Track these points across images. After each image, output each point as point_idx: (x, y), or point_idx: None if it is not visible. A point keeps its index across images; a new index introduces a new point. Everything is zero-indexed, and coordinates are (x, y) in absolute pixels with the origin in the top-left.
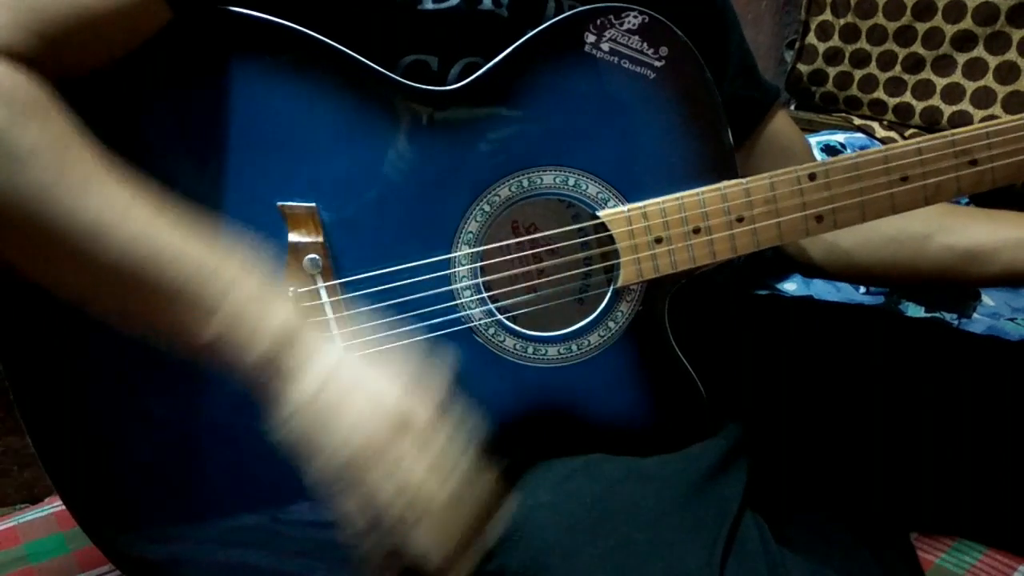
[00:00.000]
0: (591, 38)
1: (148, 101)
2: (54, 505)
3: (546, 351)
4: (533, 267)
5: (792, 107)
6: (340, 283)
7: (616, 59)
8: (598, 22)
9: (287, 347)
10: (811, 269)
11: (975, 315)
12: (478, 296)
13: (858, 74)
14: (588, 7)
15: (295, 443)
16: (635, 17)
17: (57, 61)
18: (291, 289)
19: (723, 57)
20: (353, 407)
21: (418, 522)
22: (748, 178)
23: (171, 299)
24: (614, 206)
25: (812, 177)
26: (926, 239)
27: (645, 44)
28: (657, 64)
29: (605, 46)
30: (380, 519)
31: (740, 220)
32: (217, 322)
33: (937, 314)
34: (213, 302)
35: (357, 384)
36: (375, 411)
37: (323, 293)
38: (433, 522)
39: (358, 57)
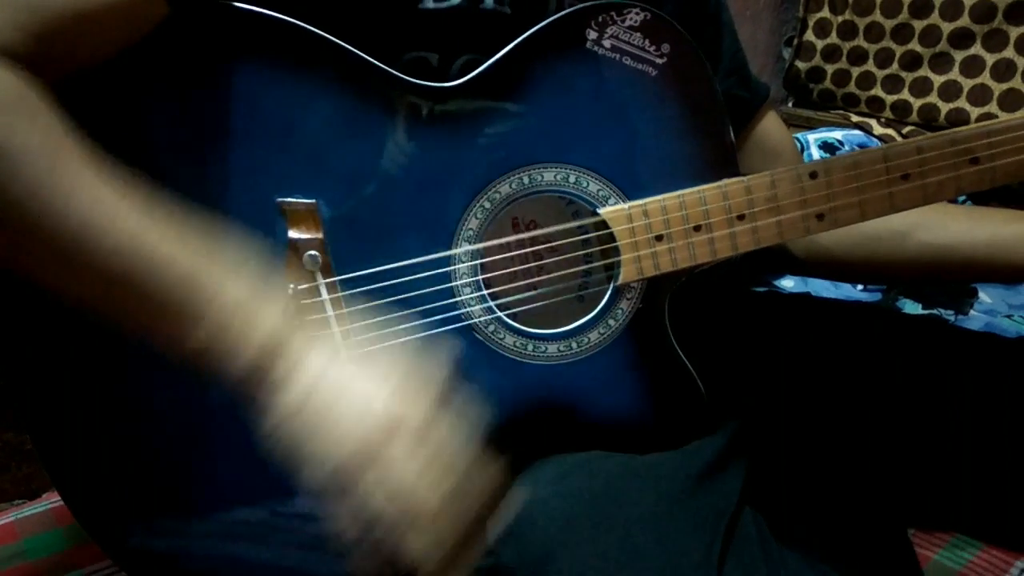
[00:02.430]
0: (593, 35)
1: (146, 98)
2: (52, 501)
3: (546, 348)
4: (533, 264)
5: (790, 104)
6: (340, 280)
7: (618, 56)
8: (600, 19)
9: (274, 355)
10: (793, 265)
11: (972, 312)
12: (478, 293)
13: (856, 71)
14: (590, 3)
15: (284, 451)
16: (637, 14)
17: (53, 60)
18: (291, 286)
19: (715, 56)
20: (341, 413)
21: (411, 528)
22: (749, 176)
23: (159, 303)
24: (615, 203)
25: (813, 175)
26: (904, 236)
27: (647, 41)
28: (659, 61)
29: (607, 43)
30: (372, 526)
31: (741, 218)
32: (204, 328)
33: (934, 311)
34: (200, 308)
35: (345, 389)
36: (363, 416)
37: (323, 290)
38: (427, 527)
39: (358, 53)
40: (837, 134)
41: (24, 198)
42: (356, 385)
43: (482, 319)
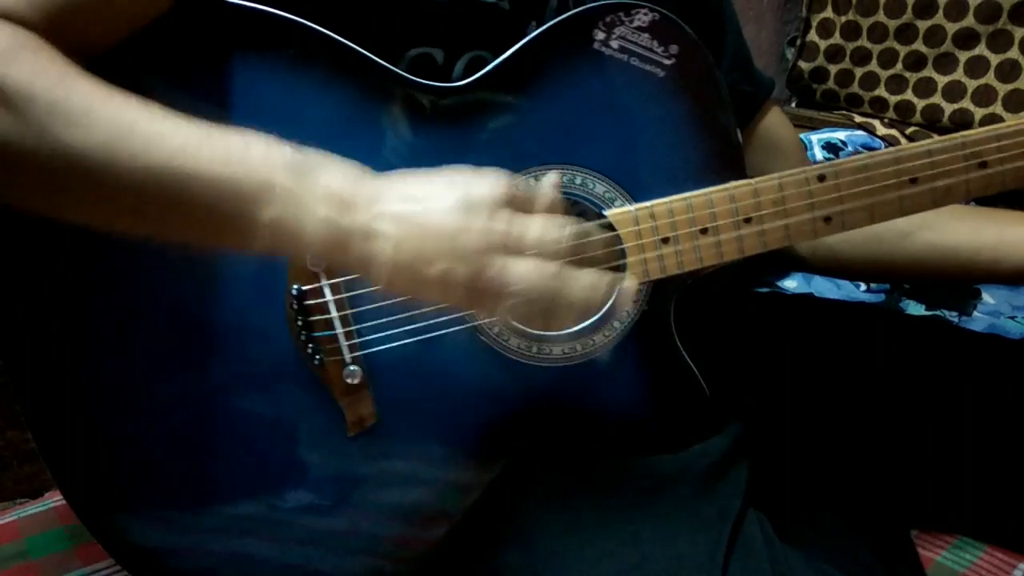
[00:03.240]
0: (600, 35)
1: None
2: (55, 499)
3: (551, 350)
4: None
5: (793, 104)
6: (344, 281)
7: (625, 57)
8: (608, 19)
9: (342, 209)
10: (796, 262)
11: (976, 313)
12: None
13: (859, 72)
14: (598, 3)
15: (414, 291)
16: (645, 15)
17: (60, 38)
18: (294, 287)
19: (719, 51)
20: (438, 223)
21: (564, 269)
22: (756, 178)
23: (210, 201)
24: (621, 205)
25: (821, 178)
26: (909, 236)
27: (655, 42)
28: (666, 62)
29: (614, 43)
30: (535, 287)
31: (748, 221)
32: (266, 204)
33: (938, 312)
34: (253, 184)
35: (427, 200)
36: (460, 215)
37: (327, 291)
38: (569, 291)
39: (362, 51)
40: (840, 134)
41: (40, 132)
42: (434, 194)
43: (487, 320)
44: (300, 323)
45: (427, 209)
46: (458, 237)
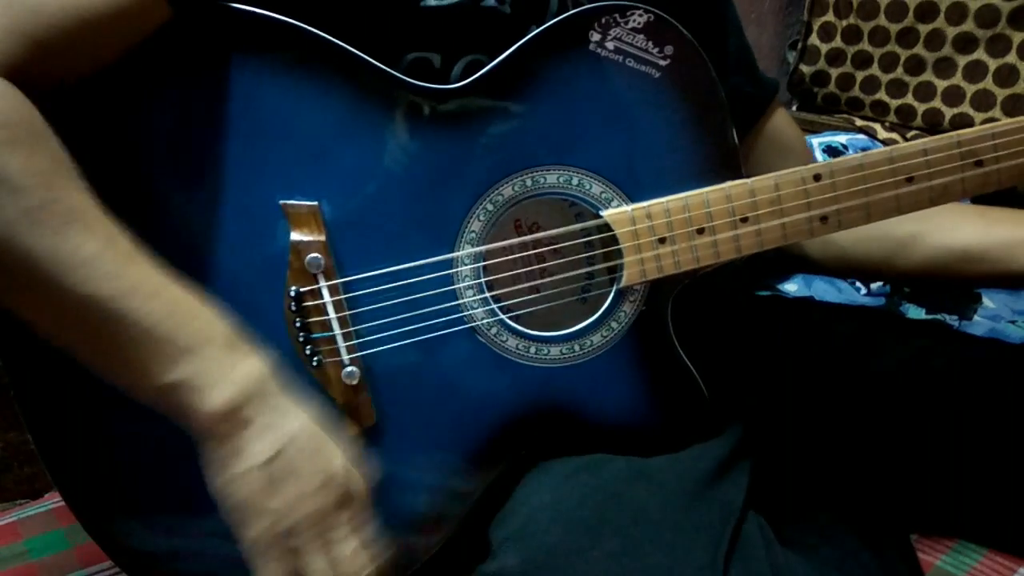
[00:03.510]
0: (596, 36)
1: (148, 101)
2: (54, 500)
3: (549, 351)
4: (536, 267)
5: (794, 108)
6: (342, 282)
7: (621, 58)
8: (603, 20)
9: (254, 398)
10: (806, 264)
11: (976, 317)
12: (481, 296)
13: (860, 75)
14: (593, 5)
15: (239, 502)
16: (640, 16)
17: (54, 67)
18: (293, 288)
19: (722, 54)
20: (308, 473)
21: None
22: (753, 178)
23: (140, 337)
24: (618, 206)
25: (817, 178)
26: (919, 237)
27: (650, 43)
28: (662, 63)
29: (610, 44)
30: None
31: (744, 220)
32: (185, 363)
33: (938, 316)
34: (184, 343)
35: (315, 451)
36: (327, 481)
37: (325, 292)
38: None
39: (361, 55)
40: (841, 138)
41: (17, 226)
42: (324, 446)
43: (485, 321)
44: (298, 324)
45: (312, 456)
46: (309, 497)
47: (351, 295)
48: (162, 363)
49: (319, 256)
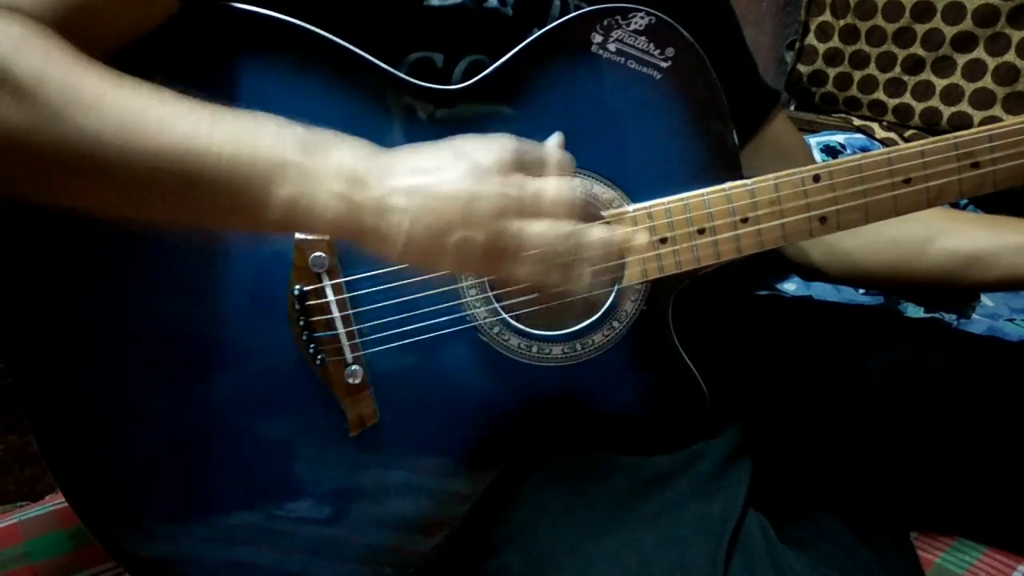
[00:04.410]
0: (598, 38)
1: None
2: (56, 502)
3: (550, 350)
4: None
5: (792, 108)
6: (345, 281)
7: (622, 60)
8: (605, 22)
9: (356, 184)
10: (811, 271)
11: (974, 316)
12: (483, 295)
13: (858, 75)
14: (595, 7)
15: (431, 263)
16: (642, 18)
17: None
18: (296, 287)
19: (725, 59)
20: (451, 191)
21: (580, 229)
22: (752, 179)
23: (223, 180)
24: (619, 206)
25: (816, 179)
26: (927, 242)
27: (652, 45)
28: (663, 65)
29: (612, 46)
30: (552, 250)
31: (744, 221)
32: (280, 182)
33: (936, 315)
34: (266, 162)
35: (438, 170)
36: (473, 182)
37: (328, 291)
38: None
39: (363, 54)
40: (839, 138)
41: (54, 121)
42: (445, 163)
43: (486, 320)
44: (302, 323)
45: (439, 180)
46: (472, 204)
47: (354, 294)
48: (260, 191)
49: (323, 255)
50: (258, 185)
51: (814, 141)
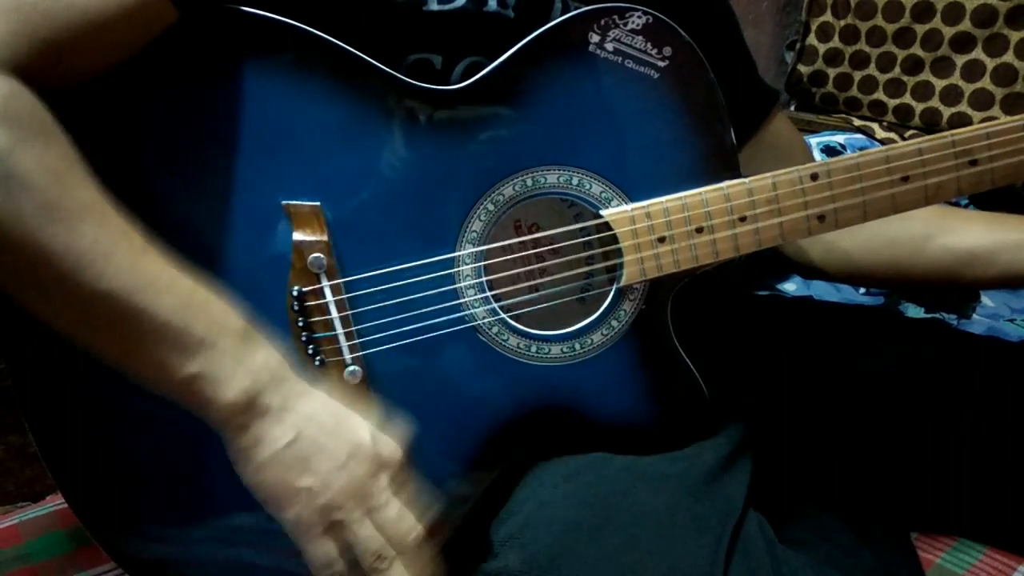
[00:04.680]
0: (595, 38)
1: (152, 102)
2: (56, 503)
3: (549, 350)
4: (536, 266)
5: (792, 108)
6: (344, 282)
7: (620, 59)
8: (602, 22)
9: (269, 386)
10: (810, 270)
11: (975, 316)
12: (481, 295)
13: (858, 75)
14: (592, 7)
15: (271, 489)
16: (639, 17)
17: (62, 65)
18: (295, 288)
19: (724, 59)
20: (333, 447)
21: (397, 558)
22: (751, 178)
23: (157, 331)
24: (617, 205)
25: (814, 177)
26: (926, 240)
27: (649, 44)
28: (661, 64)
29: (609, 46)
30: (362, 557)
31: (743, 219)
32: (202, 355)
33: (937, 315)
34: (199, 335)
35: (336, 425)
36: (355, 451)
37: (327, 292)
38: (411, 558)
39: (363, 57)
40: (839, 138)
41: (32, 222)
42: (344, 422)
43: (485, 320)
44: (301, 324)
45: (335, 430)
46: (341, 470)
47: (353, 295)
48: (179, 356)
49: (321, 256)
50: (179, 352)
51: (814, 141)
